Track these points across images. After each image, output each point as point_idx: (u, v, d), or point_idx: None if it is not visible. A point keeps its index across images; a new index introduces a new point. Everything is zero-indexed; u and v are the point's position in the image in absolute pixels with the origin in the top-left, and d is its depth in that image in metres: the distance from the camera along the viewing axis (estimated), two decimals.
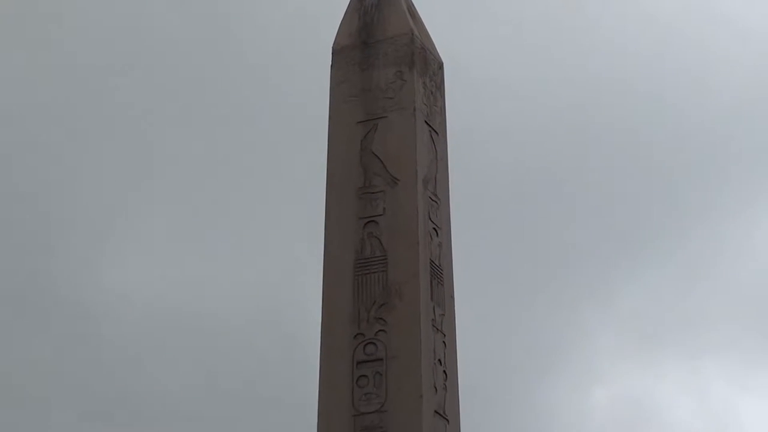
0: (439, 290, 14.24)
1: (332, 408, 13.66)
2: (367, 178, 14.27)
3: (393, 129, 14.40)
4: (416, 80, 14.59)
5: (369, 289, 13.86)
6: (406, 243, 13.95)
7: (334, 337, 13.93)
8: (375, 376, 13.56)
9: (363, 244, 14.05)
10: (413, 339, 13.61)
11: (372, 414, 13.42)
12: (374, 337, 13.68)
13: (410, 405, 13.41)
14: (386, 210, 14.08)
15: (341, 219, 14.29)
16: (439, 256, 14.44)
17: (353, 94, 14.67)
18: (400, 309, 13.70)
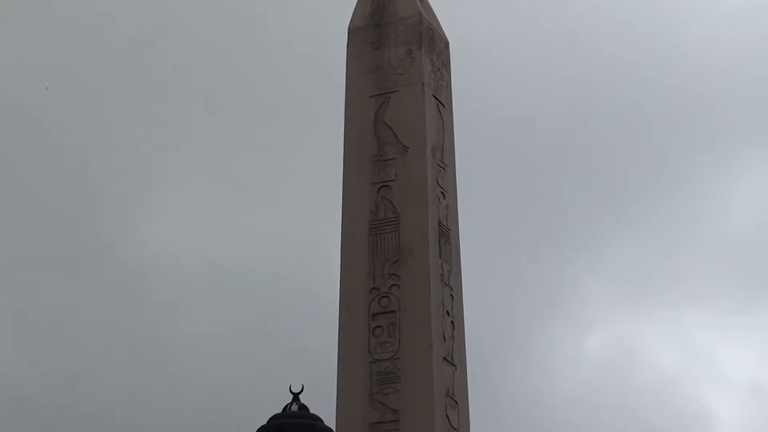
0: (447, 248, 14.29)
1: (351, 355, 13.73)
2: (380, 146, 14.31)
3: (403, 102, 14.43)
4: (424, 58, 14.61)
5: (383, 247, 13.91)
6: (416, 205, 13.99)
7: (352, 292, 13.99)
8: (389, 327, 13.62)
9: (377, 207, 14.10)
10: (423, 293, 13.67)
11: (387, 361, 13.49)
12: (388, 291, 13.73)
13: (421, 352, 13.47)
14: (398, 176, 14.12)
15: (357, 184, 14.33)
16: (446, 217, 14.47)
17: (367, 70, 14.70)
18: (411, 265, 13.76)
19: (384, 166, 14.20)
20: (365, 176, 14.31)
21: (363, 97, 14.60)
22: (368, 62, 14.70)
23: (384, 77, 14.56)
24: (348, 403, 13.47)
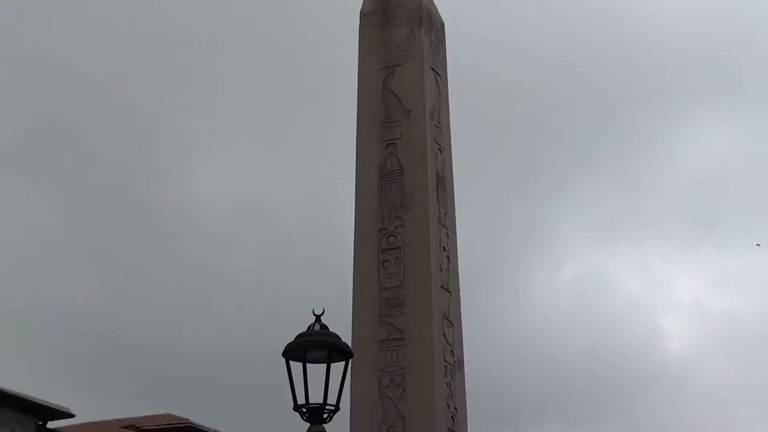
0: (443, 195, 14.38)
1: (364, 284, 13.85)
2: (387, 110, 14.38)
3: (406, 73, 14.49)
4: (423, 36, 14.66)
5: (390, 194, 14.01)
6: (417, 159, 14.08)
7: (364, 231, 14.09)
8: (395, 260, 13.74)
9: (385, 161, 14.19)
10: (424, 232, 13.79)
11: (393, 288, 13.62)
12: (394, 231, 13.84)
13: (422, 281, 13.60)
14: (402, 135, 14.21)
15: (368, 142, 14.41)
16: (442, 169, 14.56)
17: (376, 47, 14.74)
18: (414, 209, 13.87)
19: (390, 126, 14.29)
20: (375, 135, 14.40)
21: (373, 69, 14.66)
22: (377, 40, 14.74)
23: (390, 53, 14.61)
24: (361, 324, 13.61)
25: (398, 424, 13.19)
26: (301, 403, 9.50)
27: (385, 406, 13.28)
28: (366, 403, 13.28)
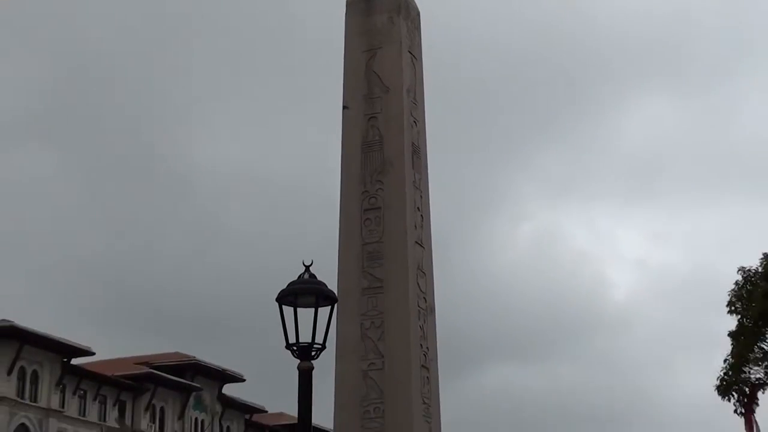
0: (418, 162, 14.46)
1: (348, 239, 13.95)
2: (369, 87, 14.43)
3: (386, 55, 14.54)
4: (401, 23, 14.70)
5: (371, 161, 14.08)
6: (396, 130, 14.15)
7: (349, 193, 14.17)
8: (376, 219, 13.84)
9: (367, 132, 14.25)
10: (400, 194, 13.88)
11: (374, 243, 13.73)
12: (375, 193, 13.93)
13: (399, 237, 13.71)
14: (383, 109, 14.27)
15: (353, 114, 14.46)
16: (418, 139, 14.63)
17: (360, 32, 14.77)
18: (392, 175, 13.95)
19: (372, 102, 14.34)
20: (359, 109, 14.45)
21: (357, 51, 14.70)
22: (361, 26, 14.78)
23: (372, 37, 14.65)
24: (346, 274, 13.71)
25: (378, 361, 13.31)
26: (292, 342, 9.62)
27: (366, 345, 13.39)
28: (350, 342, 13.39)
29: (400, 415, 13.15)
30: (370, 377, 13.31)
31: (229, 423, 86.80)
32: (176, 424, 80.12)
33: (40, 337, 67.09)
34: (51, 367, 68.76)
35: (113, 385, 75.02)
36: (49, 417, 68.61)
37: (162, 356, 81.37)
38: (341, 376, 13.47)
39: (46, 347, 67.96)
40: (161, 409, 79.16)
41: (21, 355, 66.19)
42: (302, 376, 9.76)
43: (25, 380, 67.57)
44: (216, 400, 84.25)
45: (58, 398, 69.82)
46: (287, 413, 79.21)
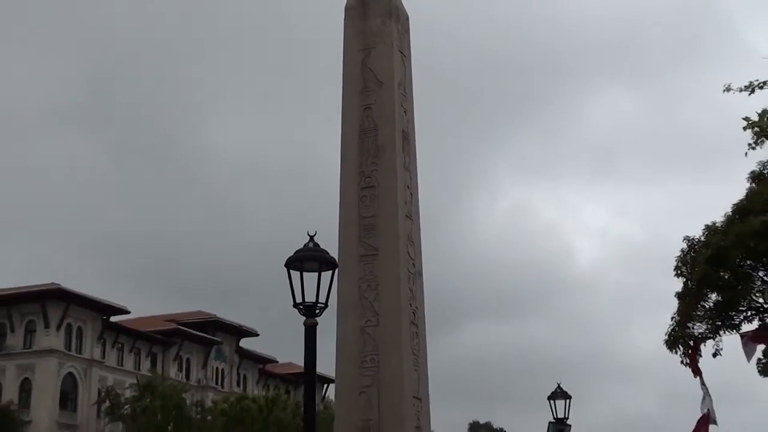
0: (408, 146, 14.45)
1: (347, 213, 13.95)
2: (365, 82, 14.40)
3: (380, 54, 14.49)
4: (393, 26, 14.65)
5: (367, 146, 14.07)
6: (388, 119, 14.14)
7: (348, 174, 14.17)
8: (371, 196, 13.84)
9: (363, 120, 14.23)
10: (392, 174, 13.87)
11: (369, 217, 13.74)
12: (370, 174, 13.92)
13: (391, 212, 13.72)
14: (376, 100, 14.25)
15: (351, 106, 14.45)
16: (407, 126, 14.63)
17: (357, 34, 14.72)
18: (385, 158, 13.94)
19: (368, 94, 14.32)
20: (356, 101, 14.43)
21: (354, 50, 14.65)
22: (358, 28, 14.73)
23: (367, 38, 14.60)
24: (346, 242, 13.72)
25: (373, 319, 13.35)
26: (299, 302, 9.64)
27: (363, 305, 13.42)
28: (349, 303, 13.41)
29: (392, 364, 13.21)
30: (366, 332, 13.35)
31: (245, 371, 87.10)
32: (200, 372, 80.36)
33: (84, 298, 67.35)
34: (93, 324, 69.00)
35: (146, 339, 75.30)
36: (92, 366, 68.81)
37: (187, 314, 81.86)
38: (342, 332, 13.51)
39: (89, 307, 68.26)
40: (187, 359, 79.47)
41: (68, 314, 66.36)
42: (308, 331, 9.79)
43: (72, 335, 67.77)
44: (234, 352, 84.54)
45: (99, 350, 70.06)
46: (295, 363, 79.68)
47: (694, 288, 27.81)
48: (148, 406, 60.31)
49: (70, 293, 66.88)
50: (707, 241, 27.37)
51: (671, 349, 28.52)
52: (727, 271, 27.06)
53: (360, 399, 13.04)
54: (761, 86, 13.82)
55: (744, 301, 27.73)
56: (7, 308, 67.54)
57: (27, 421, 63.53)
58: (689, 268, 28.17)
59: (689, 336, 28.28)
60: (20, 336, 67.62)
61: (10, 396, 64.43)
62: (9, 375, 66.26)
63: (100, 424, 67.39)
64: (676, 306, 28.64)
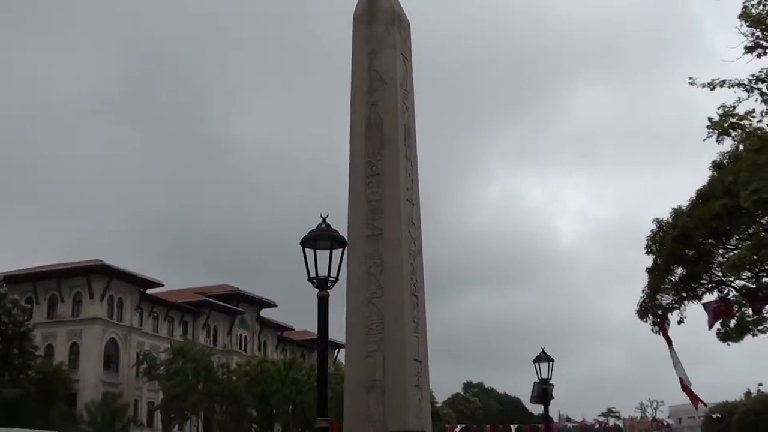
0: (409, 139, 14.40)
1: (356, 197, 13.92)
2: (371, 82, 14.34)
3: (384, 57, 14.41)
4: (396, 32, 14.57)
5: (372, 138, 14.02)
6: (391, 115, 14.08)
7: (356, 163, 14.12)
8: (377, 183, 13.79)
9: (370, 116, 14.17)
10: (395, 163, 13.82)
11: (375, 201, 13.70)
12: (376, 163, 13.87)
13: (394, 197, 13.68)
14: (381, 98, 14.19)
15: (359, 103, 14.38)
16: (409, 121, 14.57)
17: (364, 39, 14.64)
18: (388, 149, 13.89)
19: (373, 92, 14.26)
20: (363, 98, 14.37)
21: (362, 54, 14.57)
22: (365, 34, 14.64)
23: (374, 43, 14.52)
24: (354, 223, 13.69)
25: (378, 291, 13.34)
26: (312, 276, 9.60)
27: (370, 279, 13.40)
28: (357, 277, 13.40)
29: (395, 331, 13.22)
30: (372, 303, 13.35)
31: (266, 338, 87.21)
32: (226, 338, 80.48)
33: (124, 272, 67.43)
34: (132, 295, 69.07)
35: (178, 309, 75.38)
36: (131, 333, 68.94)
37: (214, 288, 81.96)
38: (351, 303, 13.51)
39: (128, 280, 68.35)
40: (214, 327, 79.58)
41: (110, 287, 66.44)
42: (320, 302, 9.77)
43: (113, 305, 67.89)
44: (255, 321, 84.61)
45: (137, 319, 70.19)
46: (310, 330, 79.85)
47: (662, 264, 27.80)
48: (180, 367, 60.46)
49: (112, 268, 67.00)
50: (674, 222, 27.35)
51: (642, 318, 28.54)
52: (691, 248, 27.06)
53: (367, 361, 13.05)
54: (721, 84, 13.76)
55: (706, 275, 27.75)
56: (57, 281, 67.74)
57: (75, 379, 63.82)
58: (658, 246, 28.17)
59: (658, 306, 28.29)
60: (69, 306, 67.79)
61: (60, 358, 64.68)
62: (60, 339, 66.49)
63: (139, 383, 67.61)
64: (647, 280, 28.64)
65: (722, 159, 25.94)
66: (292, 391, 58.64)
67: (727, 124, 13.60)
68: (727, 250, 26.25)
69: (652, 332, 28.16)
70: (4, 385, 51.64)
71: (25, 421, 53.43)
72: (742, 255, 17.88)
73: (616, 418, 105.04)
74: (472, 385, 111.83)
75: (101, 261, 66.82)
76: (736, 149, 21.50)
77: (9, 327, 53.04)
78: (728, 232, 25.88)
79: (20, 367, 53.46)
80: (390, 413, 12.70)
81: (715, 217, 24.66)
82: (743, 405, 57.20)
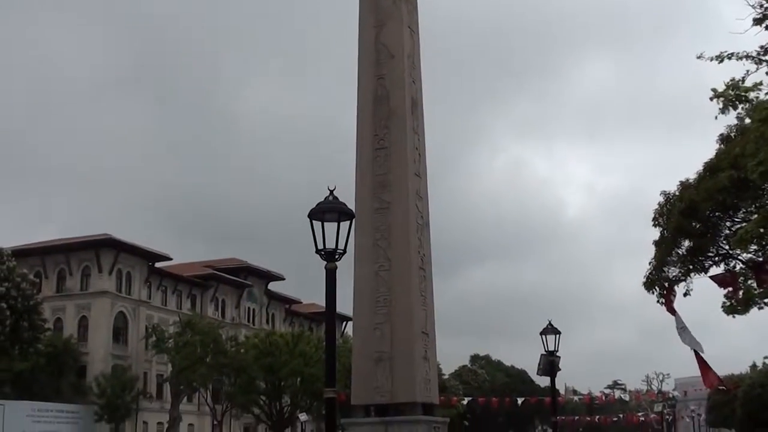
0: (416, 111, 14.39)
1: (363, 171, 13.93)
2: (378, 54, 14.32)
3: (391, 29, 14.39)
4: (402, 4, 14.54)
5: (380, 111, 14.02)
6: (398, 87, 14.08)
7: (363, 135, 14.13)
8: (384, 156, 13.82)
9: (377, 89, 14.16)
10: (402, 137, 13.83)
11: (382, 175, 13.72)
12: (383, 136, 13.89)
13: (401, 169, 13.69)
14: (388, 71, 14.17)
15: (366, 76, 14.37)
16: (416, 93, 14.56)
17: (371, 12, 14.63)
18: (395, 122, 13.90)
19: (380, 65, 14.24)
20: (370, 71, 14.35)
21: (369, 27, 14.54)
22: (371, 7, 14.61)
23: (380, 15, 14.49)
24: (361, 196, 13.73)
25: (386, 264, 13.39)
26: (320, 248, 9.64)
27: (377, 252, 13.46)
28: (365, 250, 13.46)
29: (402, 303, 13.28)
30: (380, 276, 13.41)
31: (274, 311, 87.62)
32: (234, 311, 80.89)
33: (132, 246, 67.64)
34: (140, 269, 69.35)
35: (186, 283, 75.69)
36: (140, 306, 69.32)
37: (222, 261, 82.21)
38: (358, 275, 13.57)
39: (137, 254, 68.59)
40: (222, 300, 79.94)
41: (118, 260, 66.71)
42: (328, 274, 9.80)
43: (122, 279, 68.18)
44: (263, 294, 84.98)
45: (146, 292, 70.50)
46: (318, 303, 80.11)
47: (669, 236, 27.79)
48: (189, 340, 60.79)
49: (120, 242, 67.23)
50: (681, 195, 27.30)
51: (649, 290, 28.56)
52: (698, 221, 27.02)
53: (375, 333, 13.14)
54: (729, 57, 13.66)
55: (712, 247, 27.71)
56: (66, 255, 67.99)
57: (85, 352, 64.23)
58: (665, 219, 28.15)
59: (664, 279, 28.30)
60: (77, 279, 68.10)
61: (70, 331, 65.08)
62: (69, 313, 66.87)
63: (148, 356, 68.03)
64: (653, 252, 28.65)
65: (729, 132, 25.85)
66: (300, 364, 58.90)
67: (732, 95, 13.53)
68: (734, 222, 26.22)
69: (658, 303, 28.21)
70: (15, 359, 52.04)
71: (35, 393, 53.91)
72: (749, 229, 17.83)
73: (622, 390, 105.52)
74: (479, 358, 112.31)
75: (109, 235, 67.02)
76: (743, 122, 21.43)
77: (18, 301, 53.35)
78: (735, 205, 25.82)
79: (30, 340, 53.83)
80: (397, 385, 12.81)
81: (722, 190, 24.60)
82: (749, 378, 57.35)
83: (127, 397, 60.50)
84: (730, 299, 24.92)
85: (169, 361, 64.01)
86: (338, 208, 9.79)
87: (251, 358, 60.34)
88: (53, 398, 55.98)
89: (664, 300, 27.96)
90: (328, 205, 9.79)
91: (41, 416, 52.71)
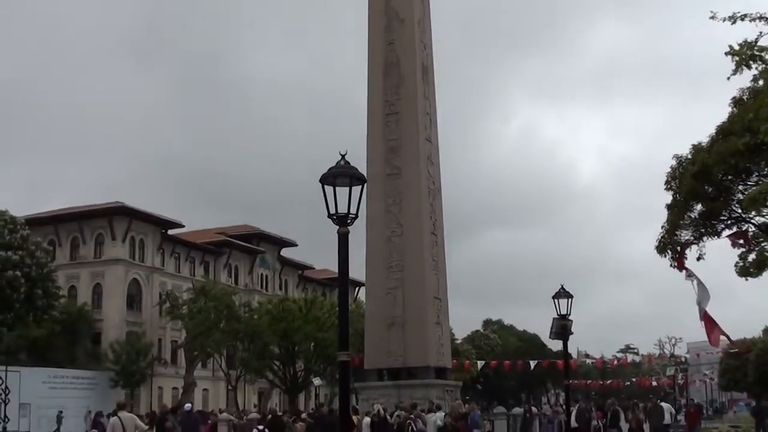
0: (427, 77, 14.41)
1: (374, 136, 14.01)
2: (389, 20, 14.35)
3: None
4: None
5: (391, 78, 14.06)
6: (409, 53, 14.09)
7: (375, 101, 14.18)
8: (396, 122, 13.89)
9: (387, 55, 14.20)
10: (413, 102, 13.88)
11: (393, 140, 13.84)
12: (394, 102, 13.95)
13: (413, 135, 13.76)
14: (398, 36, 14.18)
15: (377, 42, 14.38)
16: (426, 59, 14.58)
17: None
18: (407, 88, 13.94)
19: (391, 30, 14.26)
20: (381, 37, 14.37)
21: None
22: None
23: None
24: (373, 163, 13.81)
25: (398, 229, 13.50)
26: (332, 213, 9.71)
27: (389, 217, 13.56)
28: (377, 215, 13.56)
29: (415, 268, 13.40)
30: (392, 241, 13.52)
31: (287, 277, 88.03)
32: (247, 278, 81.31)
33: (145, 213, 67.90)
34: (153, 236, 69.67)
35: (199, 250, 76.05)
36: (153, 273, 69.75)
37: (235, 227, 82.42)
38: (370, 241, 13.68)
39: (149, 221, 68.85)
40: (235, 267, 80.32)
41: (131, 228, 67.05)
42: (341, 238, 9.87)
43: (135, 246, 68.57)
44: (276, 260, 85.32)
45: (159, 259, 70.92)
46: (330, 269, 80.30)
47: (681, 200, 27.75)
48: (202, 307, 61.21)
49: (133, 210, 67.51)
50: (694, 158, 27.21)
51: (661, 253, 28.57)
52: (710, 185, 26.95)
53: (387, 298, 13.29)
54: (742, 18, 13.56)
55: (725, 211, 27.66)
56: (79, 223, 68.36)
57: (99, 319, 64.80)
58: (678, 183, 28.09)
59: (677, 242, 28.30)
60: (91, 247, 68.50)
61: (84, 299, 65.60)
62: (83, 280, 67.38)
63: (162, 322, 68.59)
64: (666, 216, 28.63)
65: (742, 95, 25.68)
66: (313, 329, 59.28)
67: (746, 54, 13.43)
68: (747, 186, 26.13)
69: (671, 267, 28.23)
70: (30, 326, 52.58)
71: (51, 359, 54.53)
72: (762, 189, 17.81)
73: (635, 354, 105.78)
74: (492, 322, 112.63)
75: (122, 203, 67.32)
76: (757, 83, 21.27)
77: (32, 269, 53.76)
78: (748, 169, 25.73)
79: (44, 307, 54.34)
80: (410, 349, 12.97)
81: (734, 154, 24.50)
82: (761, 341, 57.42)
83: (142, 363, 61.06)
84: (744, 259, 24.93)
85: (183, 327, 64.52)
86: (350, 172, 9.82)
87: (265, 324, 60.73)
88: (68, 365, 56.57)
89: (677, 263, 27.99)
90: (339, 169, 9.83)
91: (57, 383, 53.35)
